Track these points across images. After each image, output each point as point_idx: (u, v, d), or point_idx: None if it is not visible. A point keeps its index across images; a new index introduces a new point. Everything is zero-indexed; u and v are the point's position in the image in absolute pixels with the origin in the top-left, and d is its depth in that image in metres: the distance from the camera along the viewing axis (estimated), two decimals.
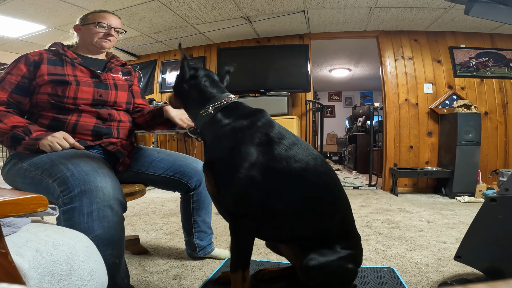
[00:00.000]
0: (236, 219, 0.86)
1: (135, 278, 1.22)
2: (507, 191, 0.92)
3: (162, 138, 4.22)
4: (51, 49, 1.19)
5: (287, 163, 0.84)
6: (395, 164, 3.47)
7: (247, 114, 0.90)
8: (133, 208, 2.56)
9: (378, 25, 3.44)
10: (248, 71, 3.58)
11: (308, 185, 0.86)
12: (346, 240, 0.92)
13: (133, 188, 1.22)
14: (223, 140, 0.88)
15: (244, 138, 0.85)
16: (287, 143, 0.86)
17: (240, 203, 0.84)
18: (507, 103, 3.35)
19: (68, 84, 1.13)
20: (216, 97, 0.93)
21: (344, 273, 0.88)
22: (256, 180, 0.82)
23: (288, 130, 0.93)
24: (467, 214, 2.30)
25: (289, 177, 0.84)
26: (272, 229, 0.91)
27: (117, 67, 1.33)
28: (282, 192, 0.85)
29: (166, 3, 2.87)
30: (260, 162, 0.83)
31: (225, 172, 0.85)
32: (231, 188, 0.83)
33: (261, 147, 0.84)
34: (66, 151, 1.04)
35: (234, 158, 0.83)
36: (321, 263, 0.84)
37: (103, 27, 1.24)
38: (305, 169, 0.85)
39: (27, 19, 3.07)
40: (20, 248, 0.57)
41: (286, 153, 0.84)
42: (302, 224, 0.89)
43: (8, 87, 1.09)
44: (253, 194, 0.83)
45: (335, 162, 6.53)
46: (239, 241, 0.88)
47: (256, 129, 0.87)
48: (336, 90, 7.88)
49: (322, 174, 0.88)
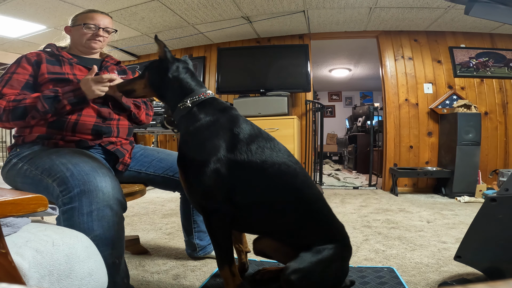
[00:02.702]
0: (208, 214, 0.88)
1: (135, 278, 1.22)
2: (507, 191, 0.92)
3: (162, 138, 4.22)
4: (46, 50, 1.19)
5: (247, 156, 0.87)
6: (395, 164, 3.47)
7: (216, 111, 0.93)
8: (133, 208, 2.56)
9: (378, 25, 3.44)
10: (248, 71, 3.57)
11: (267, 177, 0.87)
12: (324, 232, 0.90)
13: (133, 188, 1.22)
14: (193, 136, 0.91)
15: (210, 133, 0.89)
16: (249, 137, 0.89)
17: (209, 197, 0.86)
18: (507, 103, 3.35)
19: (70, 82, 1.13)
20: (195, 91, 0.95)
21: (330, 276, 0.87)
22: (221, 174, 0.85)
23: (254, 124, 0.95)
24: (467, 214, 2.30)
25: (250, 170, 0.86)
26: (244, 221, 0.93)
27: (112, 66, 1.33)
28: (245, 185, 0.88)
29: (166, 3, 2.87)
30: (224, 155, 0.86)
31: (194, 167, 0.88)
32: (199, 183, 0.86)
33: (225, 142, 0.87)
34: (66, 151, 1.04)
35: (201, 153, 0.87)
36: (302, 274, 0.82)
37: (89, 28, 1.22)
38: (264, 161, 0.87)
39: (27, 19, 3.07)
40: (20, 248, 0.57)
41: (247, 147, 0.88)
42: (270, 216, 0.90)
43: (17, 85, 1.08)
44: (220, 187, 0.86)
45: (335, 162, 6.53)
46: (216, 236, 0.90)
47: (221, 125, 0.90)
48: (336, 90, 7.88)
49: (281, 166, 0.88)
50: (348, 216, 2.27)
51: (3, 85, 1.07)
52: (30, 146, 1.09)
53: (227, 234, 0.91)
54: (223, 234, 0.90)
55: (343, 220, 2.14)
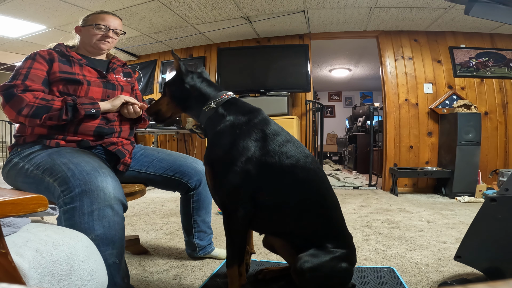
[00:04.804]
0: (229, 212, 0.90)
1: (135, 278, 1.22)
2: (507, 191, 0.92)
3: (162, 138, 4.22)
4: (56, 50, 1.19)
5: (279, 159, 0.88)
6: (395, 164, 3.47)
7: (245, 111, 0.96)
8: (133, 208, 2.56)
9: (378, 25, 3.44)
10: (248, 71, 3.58)
11: (296, 181, 0.89)
12: (337, 239, 0.92)
13: (133, 188, 1.22)
14: (223, 135, 0.93)
15: (242, 133, 0.90)
16: (281, 140, 0.91)
17: (234, 195, 0.88)
18: (507, 103, 3.35)
19: (80, 84, 1.14)
20: (215, 94, 1.00)
21: (339, 273, 0.89)
22: (250, 174, 0.87)
23: (283, 128, 0.97)
24: (467, 214, 2.30)
25: (280, 172, 0.88)
26: (263, 221, 0.94)
27: (118, 68, 1.35)
28: (272, 186, 0.89)
29: (166, 3, 2.87)
30: (255, 156, 0.87)
31: (224, 166, 0.89)
32: (227, 181, 0.87)
33: (257, 143, 0.89)
34: (67, 151, 1.04)
35: (232, 152, 0.88)
36: (315, 265, 0.85)
37: (100, 29, 1.23)
38: (295, 166, 0.89)
39: (27, 19, 3.07)
40: (20, 248, 0.57)
41: (279, 149, 0.89)
42: (290, 218, 0.91)
43: (37, 80, 1.08)
44: (247, 187, 0.87)
45: (335, 162, 6.52)
46: (232, 234, 0.91)
47: (254, 125, 0.92)
48: (336, 90, 7.88)
49: (310, 172, 0.91)
50: (348, 216, 2.27)
51: (23, 79, 1.06)
52: (31, 145, 1.09)
53: (244, 234, 0.92)
54: (240, 233, 0.91)
55: None
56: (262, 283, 1.16)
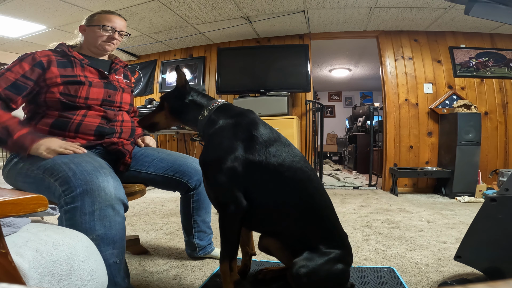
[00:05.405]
0: (222, 208, 0.92)
1: (135, 278, 1.22)
2: (507, 191, 0.92)
3: (162, 138, 4.22)
4: (57, 50, 1.18)
5: (266, 157, 0.91)
6: (395, 164, 3.47)
7: (233, 115, 1.00)
8: (133, 208, 2.56)
9: (378, 25, 3.44)
10: (248, 71, 3.57)
11: (281, 180, 0.91)
12: (331, 239, 0.93)
13: (133, 188, 1.22)
14: (213, 137, 0.98)
15: (229, 134, 0.95)
16: (267, 139, 0.94)
17: (225, 192, 0.91)
18: (507, 103, 3.35)
19: (82, 84, 1.13)
20: (207, 103, 1.06)
21: (335, 275, 0.89)
22: (237, 172, 0.90)
23: (273, 129, 1.01)
24: (467, 214, 2.30)
25: (265, 171, 0.90)
26: (255, 219, 0.96)
27: (120, 69, 1.34)
28: (258, 185, 0.91)
29: (166, 3, 2.87)
30: (241, 155, 0.91)
31: (213, 165, 0.93)
32: (215, 180, 0.91)
33: (243, 142, 0.93)
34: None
35: (219, 152, 0.93)
36: (311, 269, 0.85)
37: (107, 30, 1.22)
38: (281, 164, 0.91)
39: (27, 19, 3.07)
40: (20, 248, 0.57)
41: (265, 149, 0.92)
42: (279, 217, 0.93)
43: (4, 83, 1.04)
44: (236, 184, 0.90)
45: (335, 162, 6.53)
46: (225, 230, 0.93)
47: (240, 126, 0.96)
48: (336, 90, 7.88)
49: (297, 171, 0.92)
50: (348, 216, 2.27)
51: None
52: None
53: (237, 230, 0.93)
54: (233, 229, 0.93)
55: (343, 220, 2.14)
56: (262, 283, 1.16)
